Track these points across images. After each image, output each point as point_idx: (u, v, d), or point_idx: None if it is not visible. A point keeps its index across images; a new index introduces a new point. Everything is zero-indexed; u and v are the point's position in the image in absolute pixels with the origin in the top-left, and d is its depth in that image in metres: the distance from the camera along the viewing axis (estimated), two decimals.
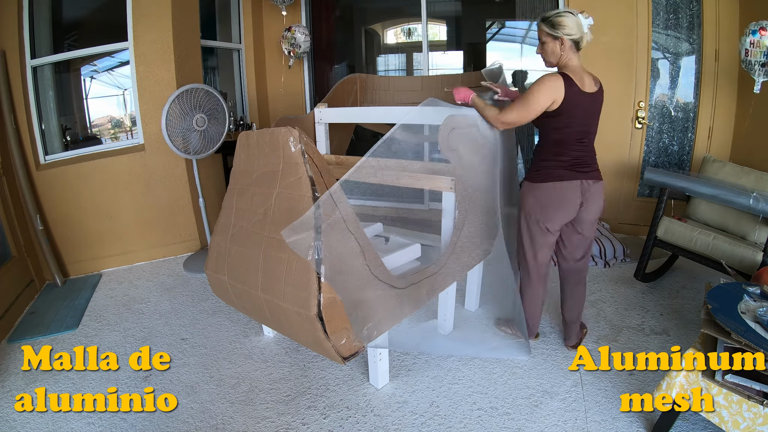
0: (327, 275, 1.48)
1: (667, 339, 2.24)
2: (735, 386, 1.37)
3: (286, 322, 1.65)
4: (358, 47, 4.78)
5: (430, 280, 1.92)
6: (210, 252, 1.96)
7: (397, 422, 1.76)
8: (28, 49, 2.96)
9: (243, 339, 2.35)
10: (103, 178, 3.16)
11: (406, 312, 1.86)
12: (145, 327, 2.51)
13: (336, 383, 1.99)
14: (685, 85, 3.44)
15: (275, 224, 1.61)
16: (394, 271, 1.87)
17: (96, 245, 3.22)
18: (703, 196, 2.56)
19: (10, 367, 2.18)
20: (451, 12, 4.38)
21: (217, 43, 3.90)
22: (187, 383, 2.03)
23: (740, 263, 2.28)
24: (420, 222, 3.75)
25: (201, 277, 3.08)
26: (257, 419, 1.80)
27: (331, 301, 1.49)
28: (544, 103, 1.73)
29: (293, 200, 1.53)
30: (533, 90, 1.74)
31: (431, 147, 3.40)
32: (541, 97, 1.72)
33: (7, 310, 2.55)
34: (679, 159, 3.54)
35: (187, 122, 2.87)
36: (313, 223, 1.47)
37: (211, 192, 3.53)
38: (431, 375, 2.02)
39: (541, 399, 1.86)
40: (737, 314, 1.46)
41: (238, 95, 4.19)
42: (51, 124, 3.21)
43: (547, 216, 1.87)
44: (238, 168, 1.81)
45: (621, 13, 3.35)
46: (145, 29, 3.08)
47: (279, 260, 1.59)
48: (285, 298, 1.57)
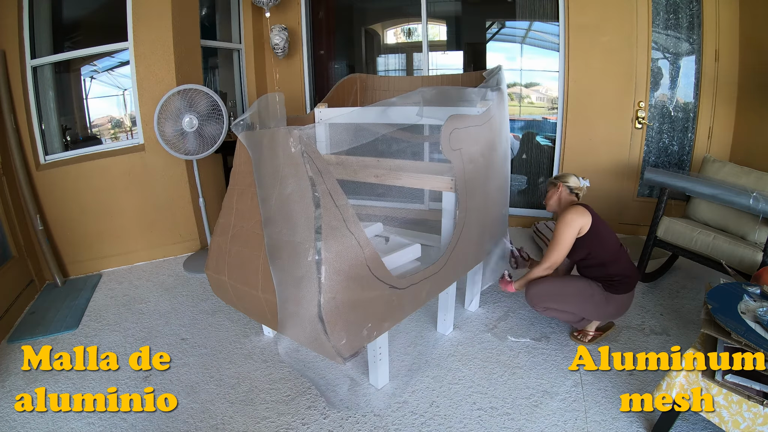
0: (327, 275, 1.48)
1: (667, 339, 2.24)
2: (735, 386, 1.37)
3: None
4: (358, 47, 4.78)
5: (430, 280, 1.92)
6: (210, 252, 1.96)
7: (397, 422, 1.76)
8: (28, 49, 2.95)
9: (243, 339, 2.35)
10: (103, 178, 3.16)
11: (406, 312, 1.86)
12: (145, 327, 2.51)
13: (336, 383, 1.99)
14: (685, 85, 3.44)
15: (275, 225, 1.61)
16: (394, 271, 1.87)
17: (96, 245, 3.22)
18: (703, 196, 2.56)
19: (10, 367, 2.18)
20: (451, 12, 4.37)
21: (217, 43, 3.90)
22: (187, 383, 2.03)
23: (740, 263, 2.28)
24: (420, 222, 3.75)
25: (201, 277, 3.08)
26: (257, 419, 1.80)
27: (332, 302, 1.49)
28: (570, 236, 2.01)
29: (293, 201, 1.53)
30: (558, 228, 2.03)
31: (431, 147, 3.40)
32: (567, 231, 2.01)
33: (7, 310, 2.55)
34: (679, 159, 3.54)
35: (178, 123, 2.87)
36: (314, 224, 1.47)
37: (211, 192, 3.53)
38: (431, 375, 2.02)
39: (541, 399, 1.86)
40: (737, 314, 1.46)
41: (238, 95, 4.18)
42: (51, 124, 3.21)
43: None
44: (238, 168, 1.81)
45: (621, 13, 3.35)
46: (145, 29, 3.08)
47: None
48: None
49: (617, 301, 2.07)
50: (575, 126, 3.56)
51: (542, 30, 3.82)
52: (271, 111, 2.09)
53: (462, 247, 2.07)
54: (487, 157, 2.17)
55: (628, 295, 2.09)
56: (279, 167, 1.55)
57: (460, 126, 1.94)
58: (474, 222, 2.11)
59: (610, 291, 2.06)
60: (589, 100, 3.54)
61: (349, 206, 1.55)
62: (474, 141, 2.04)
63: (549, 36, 3.75)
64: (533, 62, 3.97)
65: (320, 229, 1.47)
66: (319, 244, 1.48)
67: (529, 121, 4.07)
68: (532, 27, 3.87)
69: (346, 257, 1.53)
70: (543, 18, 3.73)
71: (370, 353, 1.91)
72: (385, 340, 1.88)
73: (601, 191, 3.62)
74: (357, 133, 2.03)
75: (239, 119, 1.78)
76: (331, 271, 1.48)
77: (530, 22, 3.85)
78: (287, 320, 1.60)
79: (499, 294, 2.73)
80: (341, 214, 1.52)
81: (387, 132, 2.58)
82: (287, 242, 1.55)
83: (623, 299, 2.08)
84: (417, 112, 2.14)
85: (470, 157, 2.01)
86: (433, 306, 2.42)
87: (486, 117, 2.12)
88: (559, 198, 2.17)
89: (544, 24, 3.76)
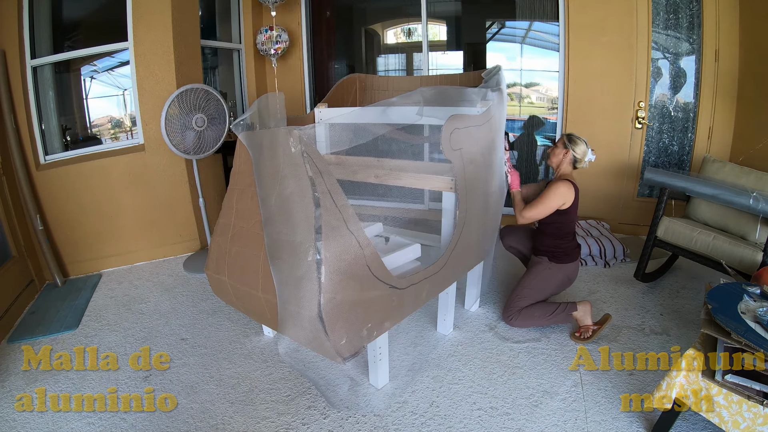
0: (327, 275, 1.48)
1: (667, 339, 2.24)
2: (735, 386, 1.37)
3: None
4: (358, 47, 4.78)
5: (430, 280, 1.92)
6: (210, 252, 1.96)
7: (397, 422, 1.76)
8: (28, 49, 2.95)
9: (243, 339, 2.35)
10: (103, 178, 3.16)
11: (406, 312, 1.86)
12: (145, 327, 2.51)
13: (336, 383, 1.99)
14: (685, 85, 3.45)
15: (275, 225, 1.61)
16: (394, 271, 1.87)
17: (96, 245, 3.22)
18: (703, 196, 2.56)
19: (10, 367, 2.18)
20: (451, 12, 4.37)
21: (217, 43, 3.90)
22: (187, 383, 2.03)
23: (740, 263, 2.28)
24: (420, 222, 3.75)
25: (201, 277, 3.08)
26: (257, 419, 1.80)
27: (332, 302, 1.49)
28: (556, 205, 2.21)
29: (293, 201, 1.53)
30: (549, 194, 2.20)
31: (431, 147, 3.40)
32: (556, 199, 2.20)
33: (7, 310, 2.55)
34: (679, 159, 3.54)
35: (186, 122, 2.87)
36: (314, 224, 1.47)
37: (211, 192, 3.53)
38: (431, 375, 2.03)
39: (541, 399, 1.86)
40: (737, 314, 1.46)
41: (238, 95, 4.18)
42: (51, 124, 3.21)
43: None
44: (238, 168, 1.81)
45: (621, 13, 3.35)
46: (145, 29, 3.08)
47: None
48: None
49: (565, 269, 2.33)
50: (575, 126, 3.55)
51: (542, 30, 3.82)
52: (272, 111, 2.09)
53: (462, 247, 2.07)
54: (487, 158, 2.17)
55: (573, 264, 2.35)
56: (279, 167, 1.55)
57: (461, 126, 1.94)
58: (474, 222, 2.11)
59: (554, 261, 2.32)
60: (589, 100, 3.54)
61: (349, 206, 1.55)
62: (474, 141, 2.04)
63: (549, 36, 3.75)
64: (533, 62, 3.97)
65: (320, 229, 1.47)
66: (319, 244, 1.48)
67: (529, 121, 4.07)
68: (532, 27, 3.87)
69: (346, 257, 1.53)
70: (543, 18, 3.73)
71: (370, 353, 1.91)
72: (385, 340, 1.88)
73: (601, 191, 3.62)
74: (357, 133, 2.04)
75: (239, 119, 1.78)
76: (331, 271, 1.48)
77: (530, 22, 3.85)
78: (287, 320, 1.60)
79: (499, 294, 2.73)
80: (341, 214, 1.52)
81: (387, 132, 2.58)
82: (287, 242, 1.55)
83: (570, 267, 2.35)
84: (417, 111, 2.14)
85: (470, 158, 2.01)
86: (433, 306, 2.42)
87: (486, 117, 2.12)
88: (561, 161, 2.29)
89: (544, 24, 3.76)
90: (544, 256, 2.35)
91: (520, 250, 2.60)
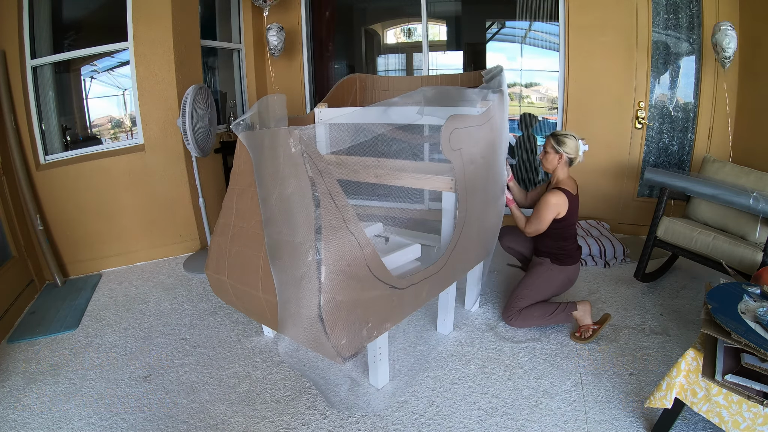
0: (327, 275, 1.48)
1: (667, 339, 2.24)
2: (735, 386, 1.37)
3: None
4: (358, 47, 4.78)
5: (430, 280, 1.92)
6: (210, 252, 1.96)
7: (397, 422, 1.76)
8: (28, 49, 2.95)
9: (243, 339, 2.35)
10: (103, 178, 3.16)
11: (406, 312, 1.86)
12: (145, 327, 2.51)
13: (336, 383, 1.99)
14: (685, 85, 3.45)
15: (275, 225, 1.61)
16: (394, 271, 1.87)
17: (96, 245, 3.22)
18: (703, 196, 2.56)
19: (10, 367, 2.18)
20: (451, 12, 4.38)
21: (217, 43, 3.90)
22: (187, 383, 2.03)
23: (740, 263, 2.28)
24: (420, 222, 3.75)
25: (201, 277, 3.08)
26: (257, 419, 1.80)
27: (332, 302, 1.49)
28: (551, 217, 2.23)
29: (294, 201, 1.53)
30: (541, 208, 2.23)
31: (431, 147, 3.40)
32: (548, 212, 2.22)
33: (7, 310, 2.55)
34: (679, 159, 3.54)
35: (206, 118, 2.87)
36: (314, 224, 1.47)
37: (211, 192, 3.53)
38: (431, 375, 2.03)
39: (541, 399, 1.86)
40: (737, 314, 1.46)
41: (238, 95, 4.18)
42: (51, 124, 3.21)
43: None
44: (239, 168, 1.81)
45: (621, 13, 3.35)
46: (145, 29, 3.08)
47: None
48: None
49: (566, 271, 2.34)
50: (575, 126, 3.56)
51: (542, 30, 3.82)
52: (272, 112, 2.09)
53: (462, 247, 2.07)
54: (487, 158, 2.17)
55: (575, 266, 2.37)
56: (279, 167, 1.55)
57: (461, 126, 1.94)
58: (474, 222, 2.11)
59: (556, 263, 2.33)
60: (589, 100, 3.54)
61: (349, 206, 1.55)
62: (474, 141, 2.04)
63: (549, 36, 3.75)
64: (533, 62, 3.98)
65: (320, 229, 1.47)
66: (319, 244, 1.48)
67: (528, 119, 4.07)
68: (532, 27, 3.87)
69: (346, 257, 1.53)
70: (543, 18, 3.74)
71: (370, 353, 1.91)
72: (385, 340, 1.88)
73: (601, 191, 3.62)
74: (357, 133, 2.04)
75: (239, 119, 1.78)
76: (331, 271, 1.48)
77: (530, 22, 3.85)
78: (287, 320, 1.60)
79: (499, 294, 2.73)
80: (341, 214, 1.52)
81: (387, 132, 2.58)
82: (287, 242, 1.55)
83: (571, 269, 2.36)
84: (418, 111, 2.14)
85: (470, 158, 2.01)
86: (433, 306, 2.42)
87: (486, 117, 2.12)
88: (556, 165, 2.27)
89: (544, 24, 3.76)
90: (546, 258, 2.36)
91: (519, 251, 2.61)
